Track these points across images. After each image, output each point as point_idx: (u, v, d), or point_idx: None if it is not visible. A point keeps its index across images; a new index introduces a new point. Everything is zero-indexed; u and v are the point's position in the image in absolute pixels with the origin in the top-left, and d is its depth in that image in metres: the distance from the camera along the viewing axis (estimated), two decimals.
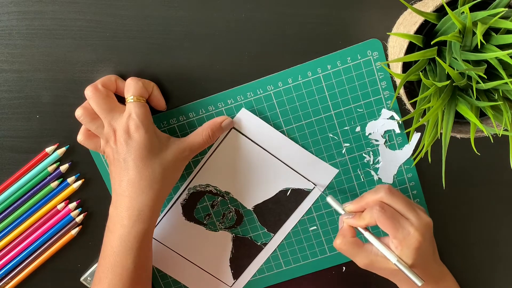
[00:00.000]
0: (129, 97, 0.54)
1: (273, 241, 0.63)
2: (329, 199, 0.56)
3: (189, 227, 0.62)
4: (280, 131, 0.59)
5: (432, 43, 0.46)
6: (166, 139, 0.56)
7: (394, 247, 0.51)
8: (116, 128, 0.53)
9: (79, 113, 0.55)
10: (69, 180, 0.61)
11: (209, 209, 0.62)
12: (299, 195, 0.62)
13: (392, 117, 0.59)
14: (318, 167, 0.60)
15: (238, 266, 0.64)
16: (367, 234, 0.53)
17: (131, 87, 0.54)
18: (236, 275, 0.64)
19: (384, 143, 0.60)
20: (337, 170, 0.61)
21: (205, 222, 0.62)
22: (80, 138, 0.56)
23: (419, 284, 0.50)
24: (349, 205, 0.55)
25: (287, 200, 0.62)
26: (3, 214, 0.61)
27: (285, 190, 0.61)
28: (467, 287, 0.65)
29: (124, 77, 0.58)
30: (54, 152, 0.60)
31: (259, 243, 0.63)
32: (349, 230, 0.54)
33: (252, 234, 0.63)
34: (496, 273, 0.65)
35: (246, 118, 0.59)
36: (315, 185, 0.60)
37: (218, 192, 0.61)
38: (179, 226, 0.62)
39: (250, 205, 0.62)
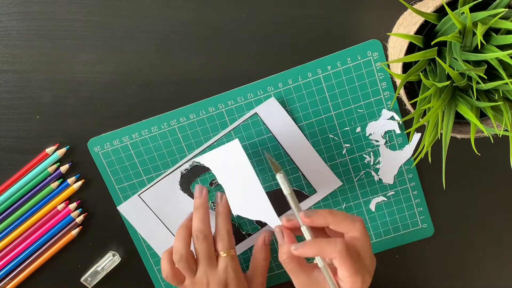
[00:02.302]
0: (222, 252, 0.55)
1: (258, 233, 0.63)
2: (280, 177, 0.52)
3: (181, 198, 0.61)
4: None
5: (432, 43, 0.46)
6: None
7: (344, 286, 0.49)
8: (210, 280, 0.54)
9: (177, 257, 0.55)
10: (69, 180, 0.61)
11: (206, 185, 0.61)
12: (297, 197, 0.61)
13: (392, 118, 0.59)
14: (324, 176, 0.60)
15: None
16: (323, 266, 0.50)
17: (220, 242, 0.56)
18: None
19: (385, 144, 0.60)
20: (341, 183, 0.61)
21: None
22: (167, 275, 0.56)
23: None
24: (309, 216, 0.50)
25: (284, 197, 0.61)
26: (3, 214, 0.61)
27: None
28: (468, 287, 0.65)
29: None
30: (54, 152, 0.60)
31: (243, 232, 0.63)
32: (291, 238, 0.51)
33: (240, 221, 0.63)
34: (496, 274, 0.65)
35: (272, 108, 0.58)
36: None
37: None
38: (171, 193, 0.61)
39: None
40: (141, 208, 0.61)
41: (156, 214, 0.62)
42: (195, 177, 0.61)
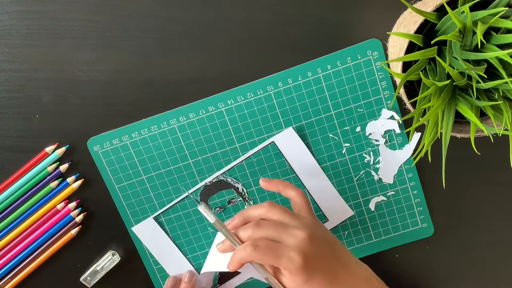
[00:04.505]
0: None
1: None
2: (202, 208, 0.50)
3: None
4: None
5: (432, 42, 0.46)
6: None
7: (284, 277, 0.48)
8: None
9: None
10: (69, 179, 0.61)
11: (225, 203, 0.62)
12: None
13: (392, 117, 0.59)
14: (336, 205, 0.61)
15: (223, 274, 0.63)
16: (260, 271, 0.49)
17: None
18: (221, 281, 0.64)
19: (384, 143, 0.60)
20: (353, 213, 0.62)
21: (213, 211, 0.62)
22: None
23: None
24: (231, 221, 0.51)
25: None
26: (3, 213, 0.61)
27: None
28: (468, 287, 0.65)
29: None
30: (53, 151, 0.60)
31: None
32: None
33: None
34: (496, 274, 0.65)
35: (289, 138, 0.59)
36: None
37: (243, 193, 0.61)
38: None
39: None
40: (155, 230, 0.62)
41: (170, 237, 0.62)
42: (217, 191, 0.61)
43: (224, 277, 0.63)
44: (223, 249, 0.51)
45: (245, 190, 0.61)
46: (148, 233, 0.62)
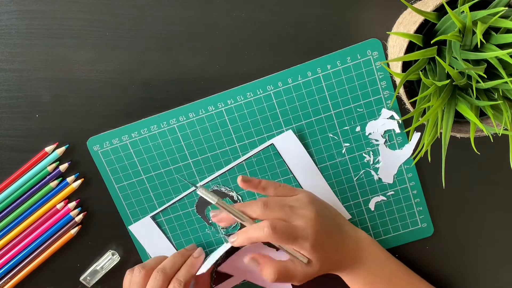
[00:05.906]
0: None
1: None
2: (201, 191, 0.52)
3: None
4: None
5: (432, 42, 0.46)
6: None
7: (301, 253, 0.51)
8: None
9: None
10: (69, 179, 0.61)
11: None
12: None
13: (392, 117, 0.59)
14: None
15: (219, 275, 0.63)
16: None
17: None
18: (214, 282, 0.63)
19: (384, 143, 0.60)
20: (350, 216, 0.62)
21: (210, 221, 0.62)
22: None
23: (304, 261, 0.51)
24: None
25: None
26: (3, 213, 0.61)
27: None
28: (468, 287, 0.65)
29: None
30: (53, 151, 0.60)
31: None
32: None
33: None
34: (496, 274, 0.65)
35: (288, 141, 0.59)
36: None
37: (238, 201, 0.61)
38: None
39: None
40: (152, 229, 0.62)
41: (168, 236, 0.62)
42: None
43: (219, 277, 0.63)
44: (219, 218, 0.52)
45: (239, 199, 0.61)
46: (145, 232, 0.62)
